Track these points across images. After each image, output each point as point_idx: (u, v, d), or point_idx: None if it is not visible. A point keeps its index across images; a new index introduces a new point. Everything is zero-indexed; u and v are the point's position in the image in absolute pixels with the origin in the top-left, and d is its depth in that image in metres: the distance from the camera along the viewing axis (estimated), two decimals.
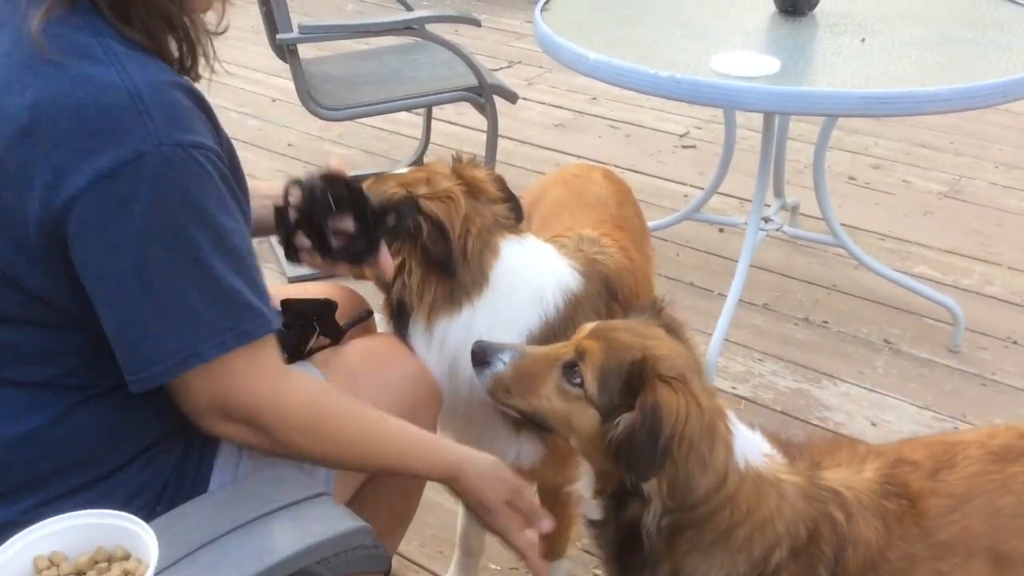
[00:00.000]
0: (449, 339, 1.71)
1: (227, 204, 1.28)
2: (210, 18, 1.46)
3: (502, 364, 1.48)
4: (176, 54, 1.34)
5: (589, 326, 1.50)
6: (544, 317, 1.77)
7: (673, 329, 1.52)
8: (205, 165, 1.24)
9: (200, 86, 1.41)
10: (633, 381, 1.37)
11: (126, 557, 1.08)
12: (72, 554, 1.09)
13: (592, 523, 1.53)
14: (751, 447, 1.47)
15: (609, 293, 1.91)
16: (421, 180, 1.76)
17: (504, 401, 1.49)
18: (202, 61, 1.40)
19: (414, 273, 1.69)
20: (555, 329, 1.79)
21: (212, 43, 1.43)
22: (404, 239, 1.70)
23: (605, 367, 1.39)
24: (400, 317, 1.72)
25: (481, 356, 1.50)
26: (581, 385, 1.40)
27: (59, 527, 1.10)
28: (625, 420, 1.35)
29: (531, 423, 1.52)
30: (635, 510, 1.42)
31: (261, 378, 1.31)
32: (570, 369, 1.42)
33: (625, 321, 1.53)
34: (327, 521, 1.23)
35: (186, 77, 1.36)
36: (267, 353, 1.33)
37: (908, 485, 1.50)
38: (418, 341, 1.72)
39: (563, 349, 1.47)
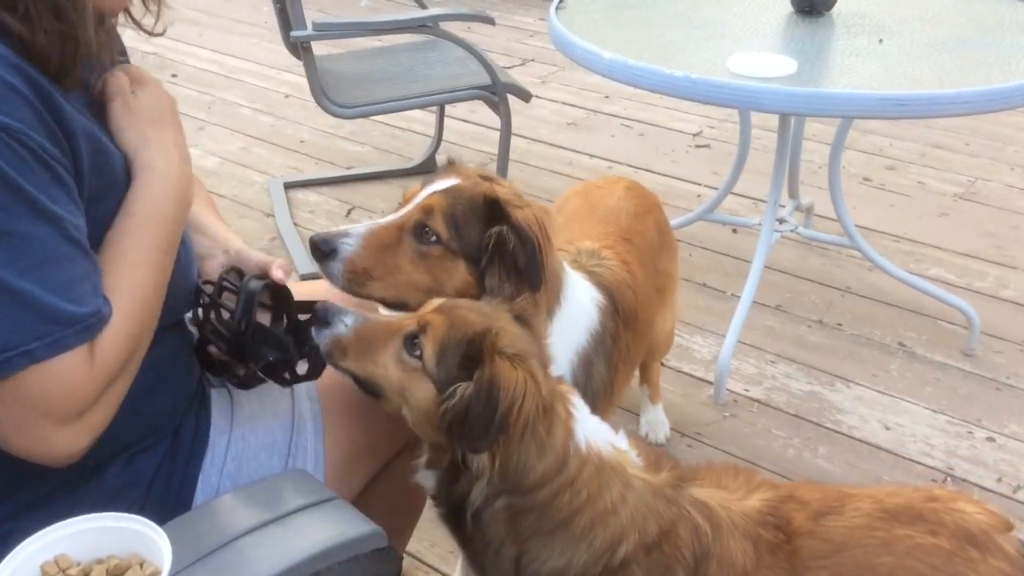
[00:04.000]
0: None
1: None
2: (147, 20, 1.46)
3: (343, 326, 1.43)
4: (51, 52, 1.19)
5: (436, 301, 1.47)
6: (591, 329, 1.81)
7: (523, 320, 1.49)
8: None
9: (217, 84, 1.37)
10: (471, 354, 1.35)
11: (139, 561, 1.08)
12: (84, 559, 1.09)
13: (433, 497, 1.51)
14: (595, 431, 1.45)
15: (612, 305, 1.90)
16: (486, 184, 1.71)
17: (339, 364, 1.44)
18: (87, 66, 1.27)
19: (507, 282, 1.65)
20: (600, 338, 1.83)
21: (113, 50, 1.37)
22: (495, 250, 1.65)
23: (445, 341, 1.37)
24: None
25: (324, 316, 1.44)
26: (420, 357, 1.38)
27: (70, 531, 1.09)
28: (460, 390, 1.33)
29: (365, 390, 1.46)
30: (464, 486, 1.40)
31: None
32: (411, 341, 1.39)
33: (473, 302, 1.50)
34: (341, 525, 1.22)
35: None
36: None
37: (790, 521, 1.47)
38: None
39: (408, 321, 1.43)
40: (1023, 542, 1.50)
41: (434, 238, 1.61)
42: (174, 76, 5.48)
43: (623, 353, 1.95)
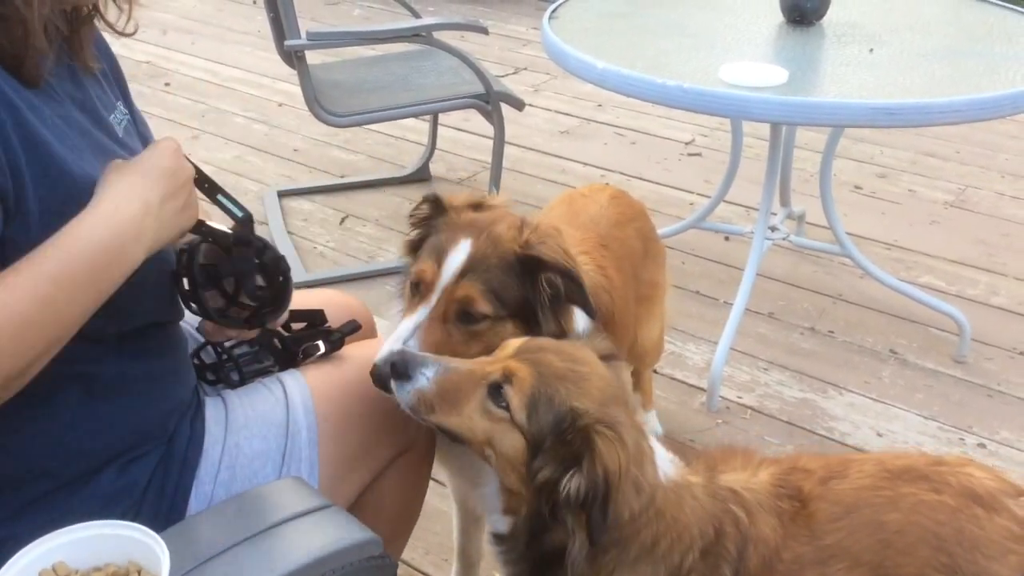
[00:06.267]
0: None
1: None
2: (112, 15, 1.42)
3: (425, 379, 1.40)
4: (2, 40, 1.20)
5: (516, 343, 1.45)
6: (583, 331, 1.80)
7: (605, 357, 1.49)
8: None
9: (211, 93, 1.35)
10: (569, 436, 1.35)
11: (137, 569, 1.08)
12: (82, 566, 1.09)
13: (498, 537, 1.50)
14: (662, 457, 1.47)
15: None
16: (507, 224, 1.68)
17: (425, 417, 1.42)
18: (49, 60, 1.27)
19: (559, 321, 1.65)
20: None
21: (92, 54, 1.37)
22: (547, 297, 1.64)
23: (534, 394, 1.36)
24: None
25: (403, 369, 1.41)
26: (507, 408, 1.37)
27: (68, 538, 1.10)
28: (575, 484, 1.33)
29: (451, 438, 1.45)
30: (558, 538, 1.39)
31: None
32: (496, 390, 1.38)
33: (555, 342, 1.48)
34: (337, 532, 1.23)
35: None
36: None
37: (800, 488, 1.51)
38: None
39: (489, 367, 1.41)
40: None
41: (479, 317, 1.60)
42: (167, 85, 5.48)
43: None
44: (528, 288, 1.62)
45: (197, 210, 1.38)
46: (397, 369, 1.41)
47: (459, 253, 1.61)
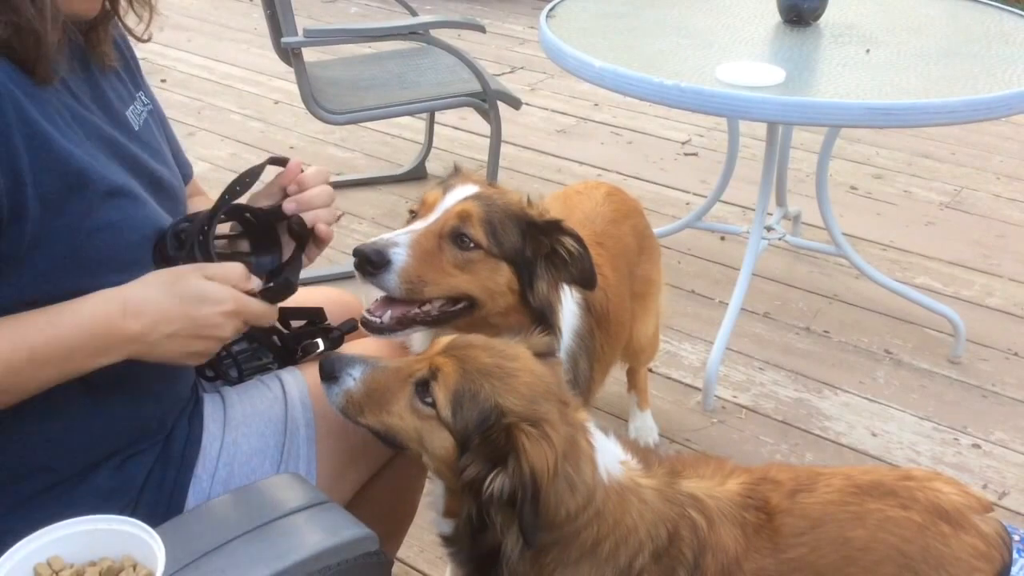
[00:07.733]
0: None
1: None
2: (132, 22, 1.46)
3: (352, 380, 1.39)
4: (14, 44, 1.22)
5: (444, 340, 1.44)
6: (575, 328, 1.84)
7: (540, 353, 1.49)
8: None
9: (207, 90, 1.37)
10: (494, 435, 1.33)
11: (132, 563, 1.08)
12: (77, 561, 1.09)
13: (445, 538, 1.50)
14: (610, 457, 1.46)
15: (585, 304, 1.92)
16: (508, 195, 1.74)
17: (356, 419, 1.41)
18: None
19: (554, 286, 1.70)
20: (582, 335, 1.86)
21: (96, 40, 1.38)
22: (551, 261, 1.70)
23: (459, 390, 1.34)
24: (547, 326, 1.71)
25: (330, 370, 1.40)
26: (433, 405, 1.36)
27: (64, 533, 1.10)
28: (499, 483, 1.31)
29: (387, 442, 1.44)
30: (494, 537, 1.38)
31: None
32: (423, 387, 1.37)
33: (485, 339, 1.45)
34: (333, 528, 1.23)
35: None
36: None
37: (768, 500, 1.50)
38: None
39: (417, 364, 1.40)
40: (1003, 523, 1.51)
41: (472, 244, 1.63)
42: (163, 81, 5.47)
43: (597, 352, 1.98)
44: (528, 246, 1.66)
45: (203, 357, 1.35)
46: (324, 370, 1.40)
47: (467, 189, 1.67)
